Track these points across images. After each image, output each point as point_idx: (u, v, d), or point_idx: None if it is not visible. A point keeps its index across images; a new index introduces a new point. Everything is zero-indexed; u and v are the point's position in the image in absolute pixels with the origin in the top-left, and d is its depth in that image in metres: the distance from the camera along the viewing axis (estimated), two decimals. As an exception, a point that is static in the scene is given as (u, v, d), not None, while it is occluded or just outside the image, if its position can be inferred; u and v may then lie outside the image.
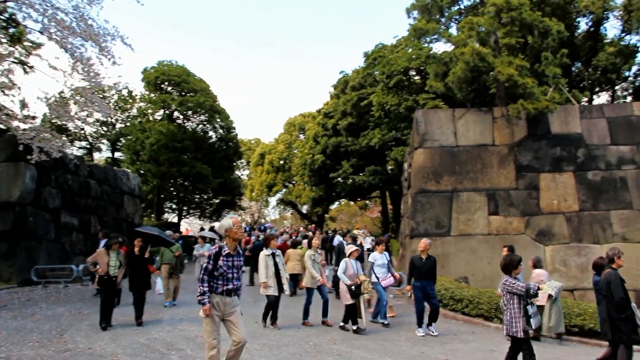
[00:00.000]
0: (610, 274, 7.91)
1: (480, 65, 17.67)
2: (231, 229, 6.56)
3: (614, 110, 18.32)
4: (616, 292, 7.71)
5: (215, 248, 6.61)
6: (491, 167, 17.51)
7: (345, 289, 11.01)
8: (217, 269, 6.45)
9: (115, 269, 11.11)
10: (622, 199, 17.07)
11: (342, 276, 11.22)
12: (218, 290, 6.46)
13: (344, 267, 11.36)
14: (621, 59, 25.90)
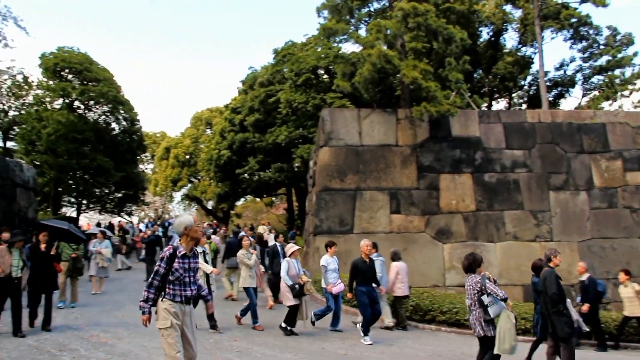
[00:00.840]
0: (547, 272, 8.36)
1: (387, 67, 18.02)
2: (192, 227, 5.82)
3: (509, 116, 19.27)
4: (550, 287, 8.13)
5: (169, 249, 5.78)
6: (394, 167, 17.89)
7: (288, 289, 10.67)
8: (173, 272, 5.66)
9: (19, 270, 9.77)
10: (514, 200, 17.98)
11: (285, 277, 10.76)
12: (176, 298, 5.67)
13: (286, 267, 10.90)
14: (518, 68, 27.35)
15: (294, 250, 11.25)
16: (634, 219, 18.54)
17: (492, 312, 7.28)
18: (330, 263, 11.52)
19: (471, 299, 7.42)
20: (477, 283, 7.36)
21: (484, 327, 7.33)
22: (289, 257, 11.13)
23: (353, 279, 10.69)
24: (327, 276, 11.45)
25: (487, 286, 7.32)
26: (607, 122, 19.48)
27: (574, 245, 17.88)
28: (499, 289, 7.32)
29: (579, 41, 28.15)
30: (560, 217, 18.11)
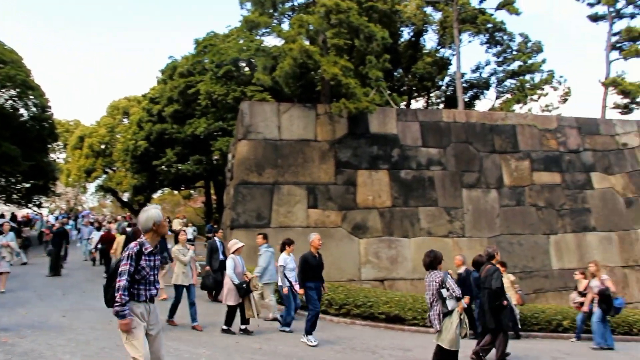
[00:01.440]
0: (491, 268, 9.08)
1: (308, 62, 18.04)
2: (160, 222, 5.43)
3: (426, 115, 19.75)
4: (495, 282, 8.84)
5: (135, 245, 5.32)
6: (312, 162, 17.94)
7: (234, 288, 10.33)
8: (139, 271, 5.25)
9: None
10: (429, 197, 18.45)
11: (232, 275, 10.38)
12: (141, 297, 5.29)
13: (232, 265, 10.49)
14: (436, 69, 28.07)
15: (239, 246, 10.87)
16: (539, 216, 19.47)
17: (450, 305, 7.55)
18: (288, 262, 11.17)
19: (431, 294, 7.68)
20: (438, 278, 7.63)
21: (437, 322, 7.61)
22: (234, 254, 10.72)
23: (304, 274, 10.23)
24: (287, 275, 11.07)
25: (448, 282, 7.62)
26: (517, 124, 20.36)
27: (484, 241, 18.53)
28: (457, 288, 7.63)
29: (494, 46, 29.27)
30: (472, 214, 18.75)
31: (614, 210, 20.77)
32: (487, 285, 9.12)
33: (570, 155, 20.75)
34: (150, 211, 5.50)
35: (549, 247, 19.34)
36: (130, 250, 5.29)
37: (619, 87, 25.46)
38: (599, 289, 11.91)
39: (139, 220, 5.54)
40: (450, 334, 7.47)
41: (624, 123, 22.78)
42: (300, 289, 10.39)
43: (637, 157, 21.99)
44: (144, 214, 5.49)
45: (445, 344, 7.48)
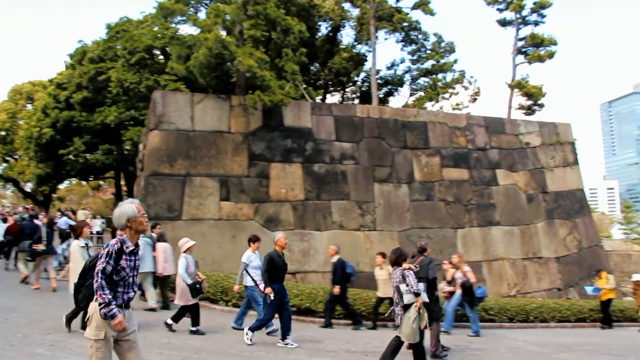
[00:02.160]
0: (425, 260, 9.79)
1: (224, 53, 17.75)
2: (135, 218, 4.89)
3: (340, 109, 19.95)
4: (432, 272, 9.56)
5: (116, 243, 4.80)
6: (225, 153, 17.70)
7: (187, 288, 10.00)
8: (118, 271, 4.75)
9: None
10: (341, 191, 18.65)
11: (185, 274, 10.03)
12: (118, 301, 4.75)
13: (185, 265, 10.11)
14: (352, 64, 28.37)
15: (191, 245, 10.48)
16: (448, 211, 20.13)
17: (406, 299, 7.90)
18: (252, 260, 10.77)
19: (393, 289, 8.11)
20: (399, 274, 8.03)
21: (399, 316, 7.99)
22: (185, 253, 10.32)
23: (269, 274, 9.75)
24: (251, 274, 10.67)
25: (408, 278, 7.99)
26: (428, 121, 20.94)
27: (395, 234, 18.96)
28: (416, 284, 7.97)
29: (409, 44, 29.91)
30: (383, 208, 19.12)
31: (516, 205, 21.79)
32: (422, 275, 9.39)
33: (478, 152, 21.58)
34: (124, 206, 4.96)
35: (456, 240, 20.04)
36: (110, 247, 4.78)
37: (523, 90, 26.64)
38: (462, 281, 12.59)
39: (113, 216, 5.01)
40: (408, 327, 7.77)
41: (527, 123, 23.96)
42: (267, 288, 9.77)
43: (538, 155, 23.19)
44: (117, 210, 4.97)
45: (404, 337, 7.82)
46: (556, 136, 24.40)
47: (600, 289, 15.91)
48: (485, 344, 11.71)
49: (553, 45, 27.62)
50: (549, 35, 27.55)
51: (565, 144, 24.65)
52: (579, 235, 23.36)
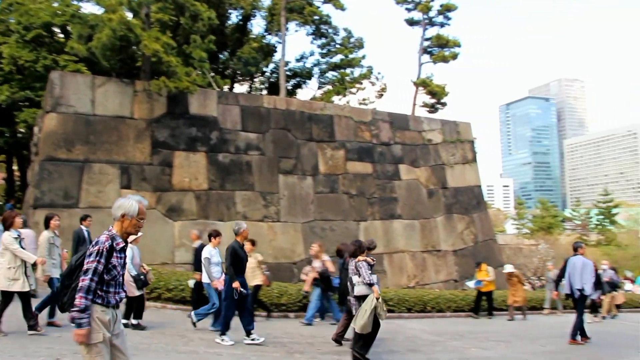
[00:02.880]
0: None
1: (129, 35, 17.17)
2: (131, 218, 4.53)
3: (247, 99, 19.85)
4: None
5: (106, 240, 4.39)
6: (127, 140, 17.15)
7: (132, 280, 9.69)
8: (110, 270, 4.40)
9: None
10: (246, 181, 18.59)
11: (130, 265, 9.68)
12: (111, 301, 4.42)
13: (130, 255, 9.73)
14: (262, 55, 28.19)
15: (137, 236, 9.80)
16: (351, 203, 20.54)
17: (356, 290, 8.18)
18: (214, 255, 10.41)
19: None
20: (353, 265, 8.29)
21: (354, 307, 8.20)
22: (130, 244, 9.84)
23: (235, 267, 9.38)
24: (212, 270, 10.30)
25: (361, 269, 8.17)
26: (334, 114, 21.24)
27: (298, 226, 19.14)
28: (369, 275, 8.11)
29: (319, 38, 30.15)
30: (288, 199, 19.24)
31: (417, 200, 22.57)
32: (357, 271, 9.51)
33: (382, 147, 22.14)
34: (127, 201, 4.61)
35: (359, 232, 20.47)
36: (101, 245, 4.37)
37: (427, 88, 27.61)
38: (320, 270, 12.44)
39: (113, 206, 4.63)
40: (364, 319, 7.77)
41: (430, 121, 24.85)
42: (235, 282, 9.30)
43: (439, 152, 24.10)
44: (119, 200, 4.64)
45: (358, 328, 7.83)
46: (457, 134, 25.46)
47: (482, 281, 16.57)
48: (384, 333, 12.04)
49: (457, 47, 28.78)
50: (454, 38, 28.71)
51: (465, 142, 25.77)
52: (475, 230, 24.53)
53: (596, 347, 11.23)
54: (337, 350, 9.36)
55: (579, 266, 11.08)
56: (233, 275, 9.28)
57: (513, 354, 10.12)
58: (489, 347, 10.92)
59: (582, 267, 11.06)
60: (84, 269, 4.28)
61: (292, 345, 9.62)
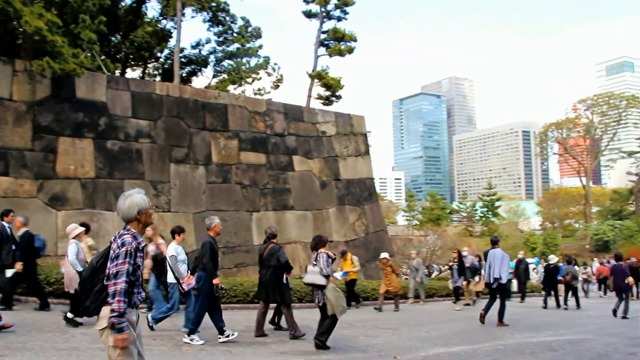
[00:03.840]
0: (275, 247, 10.30)
1: (7, 9, 16.06)
2: (146, 210, 4.49)
3: (139, 85, 19.21)
4: (283, 257, 10.14)
5: (132, 240, 4.32)
6: (5, 124, 16.02)
7: (76, 275, 9.61)
8: (135, 271, 4.32)
9: None
10: (135, 170, 18.02)
11: (75, 261, 9.73)
12: (135, 302, 4.37)
13: (75, 251, 9.80)
14: (156, 39, 27.39)
15: (80, 231, 10.23)
16: (244, 194, 20.49)
17: (305, 278, 9.15)
18: (180, 253, 9.89)
19: None
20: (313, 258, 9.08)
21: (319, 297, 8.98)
22: (74, 239, 10.01)
23: (214, 263, 9.34)
24: (179, 268, 9.71)
25: (319, 261, 8.98)
26: (229, 103, 21.06)
27: (190, 216, 18.85)
28: (326, 267, 8.88)
29: (216, 25, 29.65)
30: (179, 189, 18.88)
31: (310, 191, 22.89)
32: (273, 262, 10.11)
33: (276, 138, 22.23)
34: (135, 197, 4.51)
35: (251, 223, 20.49)
36: (128, 246, 4.29)
37: (322, 80, 27.95)
38: (154, 253, 11.55)
39: (119, 206, 4.52)
40: (340, 306, 8.77)
41: (324, 113, 25.22)
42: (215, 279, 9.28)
43: (333, 144, 24.54)
44: (125, 200, 4.50)
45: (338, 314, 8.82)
46: (350, 127, 26.02)
47: (347, 272, 16.64)
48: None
49: (353, 42, 29.33)
50: (350, 32, 29.20)
51: (358, 135, 26.40)
52: (366, 221, 25.23)
53: (475, 331, 12.01)
54: (226, 342, 9.37)
55: (499, 258, 12.72)
56: (213, 272, 9.22)
57: (399, 340, 10.54)
58: (376, 334, 11.31)
59: (502, 259, 12.70)
60: (114, 272, 4.22)
61: (182, 337, 9.50)
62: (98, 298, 4.32)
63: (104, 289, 4.30)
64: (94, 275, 4.41)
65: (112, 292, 4.19)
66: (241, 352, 8.71)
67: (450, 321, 14.35)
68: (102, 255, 4.46)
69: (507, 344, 10.32)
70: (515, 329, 12.58)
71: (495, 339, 11.03)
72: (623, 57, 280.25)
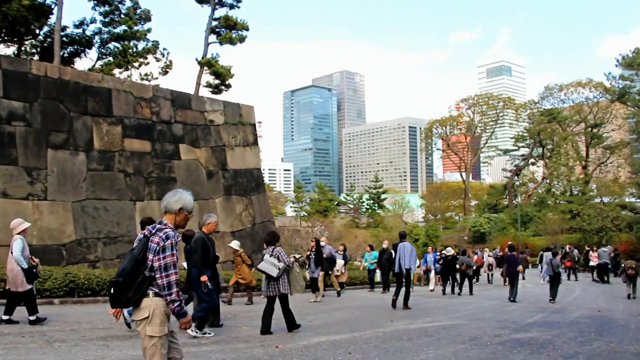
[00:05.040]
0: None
1: None
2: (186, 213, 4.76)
3: (12, 63, 17.83)
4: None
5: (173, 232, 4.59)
6: None
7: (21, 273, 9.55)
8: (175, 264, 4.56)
9: None
10: (7, 155, 16.74)
11: (20, 258, 9.50)
12: None
13: (21, 247, 9.57)
14: (34, 14, 25.67)
15: (26, 226, 9.96)
16: (127, 182, 19.77)
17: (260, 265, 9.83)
18: None
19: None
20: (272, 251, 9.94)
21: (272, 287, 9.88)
22: (20, 235, 9.75)
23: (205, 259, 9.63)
24: None
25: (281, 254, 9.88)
26: (113, 88, 20.17)
27: (68, 205, 17.91)
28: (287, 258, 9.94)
29: (102, 4, 28.33)
30: (57, 176, 17.85)
31: (197, 180, 22.50)
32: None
33: (162, 125, 21.61)
34: (185, 195, 4.79)
35: (134, 213, 19.82)
36: (173, 239, 4.53)
37: (212, 68, 27.56)
38: None
39: (167, 197, 4.76)
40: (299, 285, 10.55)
41: (212, 102, 24.85)
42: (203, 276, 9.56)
43: (220, 134, 24.25)
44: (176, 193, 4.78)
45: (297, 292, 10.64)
46: (239, 117, 25.81)
47: None
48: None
49: (245, 31, 29.16)
50: (242, 20, 28.98)
51: (247, 125, 26.23)
52: (253, 212, 25.19)
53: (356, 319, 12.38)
54: (102, 336, 9.07)
55: (408, 250, 14.56)
56: (202, 268, 9.53)
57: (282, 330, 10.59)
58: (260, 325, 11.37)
59: (410, 251, 14.59)
60: (163, 264, 4.42)
61: (54, 333, 9.08)
62: (140, 289, 4.46)
63: (146, 281, 4.48)
64: (137, 267, 4.50)
65: (167, 283, 4.42)
66: (118, 345, 8.44)
67: (334, 310, 14.72)
68: (142, 248, 4.55)
69: (387, 331, 10.78)
70: (395, 317, 13.19)
71: (375, 326, 11.44)
72: (502, 61, 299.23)
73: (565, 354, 8.80)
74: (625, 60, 53.59)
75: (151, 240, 4.52)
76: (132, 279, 4.47)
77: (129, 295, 4.47)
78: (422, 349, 8.98)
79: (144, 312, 4.47)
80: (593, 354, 8.93)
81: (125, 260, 4.57)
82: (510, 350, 9.04)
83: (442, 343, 9.57)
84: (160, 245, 4.47)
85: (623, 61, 54.03)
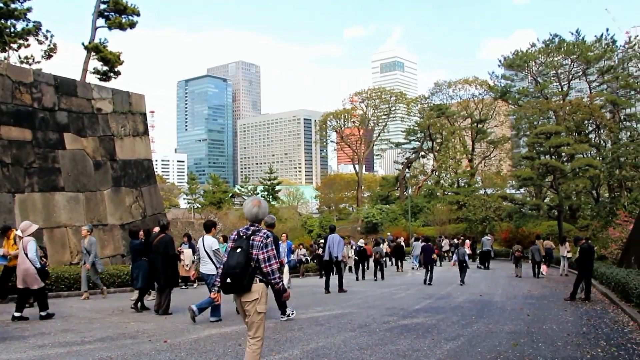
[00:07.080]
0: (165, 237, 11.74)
1: None
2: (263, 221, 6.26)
3: None
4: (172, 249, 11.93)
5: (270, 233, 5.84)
6: None
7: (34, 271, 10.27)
8: None
9: None
10: None
11: (35, 258, 10.31)
12: None
13: (34, 248, 10.41)
14: None
15: (35, 229, 10.69)
16: (5, 173, 18.39)
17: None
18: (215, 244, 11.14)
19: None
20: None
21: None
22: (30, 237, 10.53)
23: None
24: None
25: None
26: (-13, 71, 18.67)
27: None
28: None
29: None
30: None
31: (83, 171, 21.35)
32: (163, 251, 11.59)
33: (45, 112, 20.26)
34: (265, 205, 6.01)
35: (13, 206, 18.49)
36: (271, 237, 5.73)
37: (100, 54, 26.26)
38: None
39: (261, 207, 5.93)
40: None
41: (100, 89, 23.63)
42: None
43: (109, 123, 23.15)
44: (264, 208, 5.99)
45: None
46: (129, 105, 24.75)
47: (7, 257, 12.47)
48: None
49: (136, 16, 28.02)
50: (133, 5, 27.81)
51: (137, 114, 25.21)
52: (144, 204, 24.31)
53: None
54: None
55: (337, 241, 17.60)
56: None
57: (172, 324, 10.50)
58: (148, 320, 11.24)
59: (338, 242, 17.65)
60: (267, 256, 5.60)
61: None
62: (252, 277, 5.54)
63: (255, 271, 5.57)
64: (249, 261, 5.53)
65: (272, 270, 5.61)
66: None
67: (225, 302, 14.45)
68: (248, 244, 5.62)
69: (277, 322, 10.76)
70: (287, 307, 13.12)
71: (268, 317, 11.34)
72: (395, 57, 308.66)
73: (449, 337, 9.20)
74: (507, 61, 57.30)
75: (253, 239, 5.62)
76: (245, 269, 5.50)
77: (244, 283, 5.51)
78: (313, 337, 9.06)
79: (254, 294, 5.57)
80: (473, 335, 9.41)
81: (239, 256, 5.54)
82: (398, 335, 9.30)
83: (332, 331, 9.70)
84: (263, 242, 5.63)
85: (505, 62, 57.70)
